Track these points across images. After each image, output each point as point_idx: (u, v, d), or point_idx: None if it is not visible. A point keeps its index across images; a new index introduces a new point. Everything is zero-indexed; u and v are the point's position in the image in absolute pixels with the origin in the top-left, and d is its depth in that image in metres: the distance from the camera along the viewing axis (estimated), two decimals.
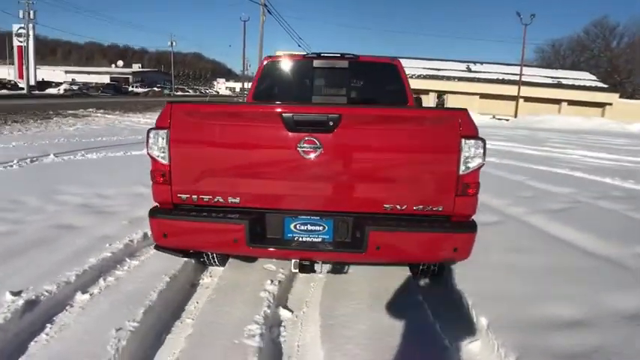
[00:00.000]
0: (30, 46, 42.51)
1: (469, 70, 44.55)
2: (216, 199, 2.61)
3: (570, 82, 40.98)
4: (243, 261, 3.63)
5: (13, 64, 48.07)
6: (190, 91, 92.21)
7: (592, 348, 2.44)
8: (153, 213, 2.66)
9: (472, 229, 2.54)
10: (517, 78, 37.61)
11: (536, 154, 12.19)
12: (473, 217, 2.64)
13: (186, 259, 3.52)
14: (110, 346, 2.33)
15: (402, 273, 3.45)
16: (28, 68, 41.51)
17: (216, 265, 3.60)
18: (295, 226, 2.62)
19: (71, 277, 3.16)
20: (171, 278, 3.21)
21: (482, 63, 46.52)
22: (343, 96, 4.63)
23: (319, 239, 2.62)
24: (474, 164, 2.50)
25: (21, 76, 43.15)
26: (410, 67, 43.75)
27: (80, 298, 2.97)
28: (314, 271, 2.73)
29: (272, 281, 3.22)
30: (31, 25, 41.79)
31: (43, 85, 51.36)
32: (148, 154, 2.66)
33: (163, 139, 2.59)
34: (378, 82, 4.68)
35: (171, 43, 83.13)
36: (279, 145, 2.49)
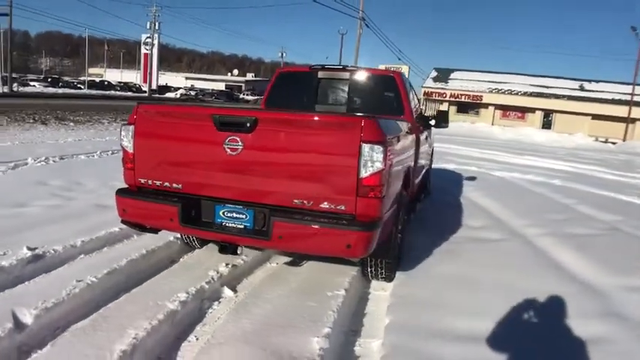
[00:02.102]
0: (154, 54, 48.03)
1: (582, 88, 41.02)
2: (165, 185, 3.14)
3: None
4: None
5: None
6: None
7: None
8: (117, 192, 3.27)
9: (366, 229, 2.74)
10: (637, 99, 33.94)
11: (615, 180, 11.20)
12: (377, 218, 2.83)
13: (172, 239, 4.15)
14: (65, 290, 2.94)
15: (350, 272, 3.70)
16: (151, 73, 46.90)
17: (197, 247, 4.13)
18: (224, 213, 3.05)
19: (77, 242, 3.90)
20: (148, 252, 3.81)
21: (597, 81, 42.47)
22: (343, 105, 4.95)
23: (242, 226, 3.02)
24: (373, 168, 2.71)
25: (145, 81, 48.97)
26: (513, 82, 41.79)
27: (76, 258, 3.67)
28: (235, 253, 3.12)
29: (227, 265, 3.67)
30: (156, 35, 47.24)
31: (164, 89, 57.48)
32: (121, 144, 3.28)
33: (130, 132, 3.18)
34: (376, 93, 4.92)
35: (282, 54, 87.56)
36: (211, 142, 2.94)
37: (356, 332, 2.96)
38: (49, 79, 52.55)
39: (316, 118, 2.91)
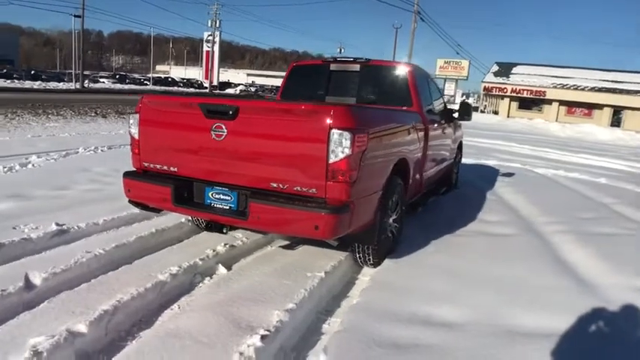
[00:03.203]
0: (215, 51, 49.93)
1: None
2: (163, 168, 3.45)
3: None
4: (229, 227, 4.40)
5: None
6: None
7: (427, 345, 2.53)
8: (123, 174, 3.62)
9: (333, 211, 2.88)
10: None
11: None
12: (347, 202, 2.96)
13: (183, 221, 4.49)
14: (74, 260, 3.33)
15: (339, 257, 3.84)
16: (212, 70, 48.80)
17: (207, 230, 4.44)
18: (212, 195, 3.31)
19: (100, 221, 4.33)
20: (158, 231, 4.17)
21: None
22: (353, 97, 5.07)
23: (227, 207, 3.26)
24: (343, 154, 2.85)
25: (207, 77, 51.09)
26: (580, 77, 39.44)
27: (95, 234, 4.09)
28: (221, 232, 3.38)
29: (225, 244, 3.93)
30: (217, 33, 49.10)
31: (224, 85, 59.57)
32: (129, 131, 3.62)
33: (136, 120, 3.51)
34: (385, 85, 5.00)
35: (340, 50, 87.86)
36: (200, 129, 3.20)
37: (329, 312, 3.12)
38: (117, 76, 56.14)
39: (291, 107, 3.08)
